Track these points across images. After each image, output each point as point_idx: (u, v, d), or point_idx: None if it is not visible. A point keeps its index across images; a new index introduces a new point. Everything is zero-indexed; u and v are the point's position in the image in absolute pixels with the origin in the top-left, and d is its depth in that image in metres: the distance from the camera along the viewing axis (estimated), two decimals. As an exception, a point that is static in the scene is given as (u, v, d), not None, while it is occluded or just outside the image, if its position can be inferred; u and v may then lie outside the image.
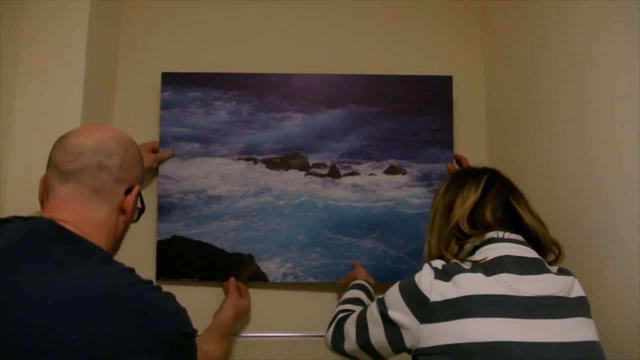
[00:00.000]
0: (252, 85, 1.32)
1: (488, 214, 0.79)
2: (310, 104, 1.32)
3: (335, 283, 1.26)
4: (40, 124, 1.09)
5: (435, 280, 0.72)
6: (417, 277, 0.75)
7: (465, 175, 0.85)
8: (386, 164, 1.32)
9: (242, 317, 1.25)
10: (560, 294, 0.71)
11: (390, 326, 0.75)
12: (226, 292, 1.24)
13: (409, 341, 0.73)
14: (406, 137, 1.32)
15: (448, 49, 1.39)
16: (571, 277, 0.75)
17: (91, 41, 1.13)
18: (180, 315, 0.67)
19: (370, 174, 1.32)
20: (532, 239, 0.78)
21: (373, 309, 0.80)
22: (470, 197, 0.80)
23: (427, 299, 0.71)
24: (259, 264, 1.28)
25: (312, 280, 1.28)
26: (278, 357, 1.24)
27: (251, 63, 1.35)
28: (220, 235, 1.28)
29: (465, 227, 0.78)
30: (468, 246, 0.79)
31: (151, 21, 1.36)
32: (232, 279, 1.25)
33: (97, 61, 1.18)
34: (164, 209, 1.28)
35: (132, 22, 1.36)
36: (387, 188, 1.31)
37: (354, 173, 1.32)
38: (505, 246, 0.76)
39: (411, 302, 0.73)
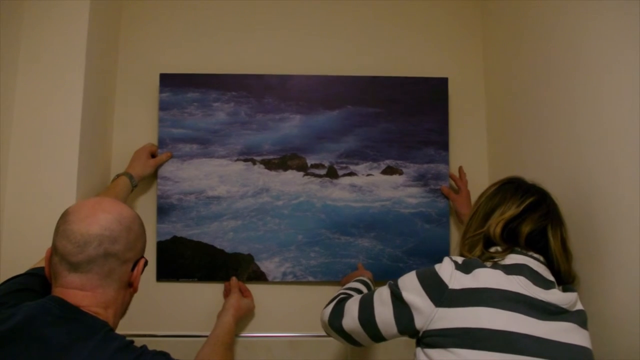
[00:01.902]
0: (250, 87, 1.30)
1: (522, 234, 0.80)
2: (308, 105, 1.31)
3: (335, 282, 1.24)
4: (40, 125, 1.06)
5: (455, 271, 0.74)
6: (437, 266, 0.77)
7: (515, 188, 0.85)
8: (383, 165, 1.31)
9: (246, 317, 1.22)
10: (564, 306, 0.75)
11: (401, 306, 0.76)
12: (227, 293, 1.22)
13: (419, 322, 0.74)
14: (403, 137, 1.31)
15: (448, 50, 1.38)
16: (575, 294, 0.78)
17: (91, 41, 1.10)
18: None
19: (368, 175, 1.31)
20: (554, 266, 0.81)
21: (382, 291, 0.81)
22: (508, 211, 0.81)
23: (446, 285, 0.73)
24: (258, 263, 1.26)
25: (311, 279, 1.26)
26: (278, 357, 1.22)
27: (249, 64, 1.33)
28: (219, 235, 1.26)
29: (495, 235, 0.80)
30: (492, 250, 0.81)
31: (149, 22, 1.34)
32: (233, 279, 1.22)
33: (96, 61, 1.16)
34: (164, 210, 1.26)
35: (131, 22, 1.34)
36: (384, 188, 1.30)
37: (351, 173, 1.31)
38: (526, 259, 0.78)
39: (429, 287, 0.75)
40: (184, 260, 1.25)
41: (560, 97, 1.00)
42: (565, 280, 0.82)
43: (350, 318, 0.82)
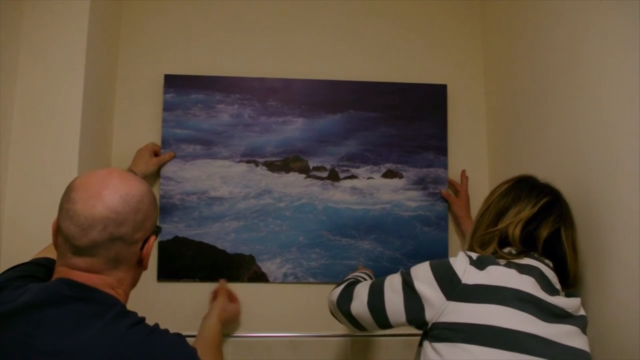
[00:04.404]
0: (254, 89, 1.23)
1: (540, 239, 0.76)
2: (310, 109, 1.24)
3: (336, 283, 1.17)
4: (40, 124, 0.99)
5: (469, 266, 0.70)
6: (451, 259, 0.72)
7: (529, 188, 0.80)
8: (383, 168, 1.25)
9: (231, 322, 1.14)
10: (569, 310, 0.72)
11: (412, 296, 0.72)
12: (214, 296, 1.13)
13: (429, 314, 0.70)
14: (403, 142, 1.25)
15: (448, 57, 1.32)
16: (579, 299, 0.75)
17: (91, 41, 1.03)
18: (189, 357, 0.63)
19: (369, 178, 1.24)
20: (562, 267, 0.78)
21: (394, 278, 0.76)
22: (524, 212, 0.77)
23: (459, 280, 0.69)
24: (259, 264, 1.19)
25: (312, 280, 1.20)
26: (278, 357, 1.16)
27: (253, 67, 1.26)
28: (221, 236, 1.19)
29: (515, 238, 0.76)
30: (506, 250, 0.77)
31: (154, 22, 1.26)
32: (222, 281, 1.15)
33: (97, 61, 1.08)
34: (166, 210, 1.18)
35: (134, 23, 1.25)
36: (384, 191, 1.24)
37: (352, 176, 1.24)
38: (539, 264, 0.75)
39: (441, 279, 0.70)
40: (185, 261, 1.18)
41: (561, 101, 0.96)
42: (572, 282, 0.79)
43: (360, 302, 0.77)
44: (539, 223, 0.76)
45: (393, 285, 0.74)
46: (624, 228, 0.76)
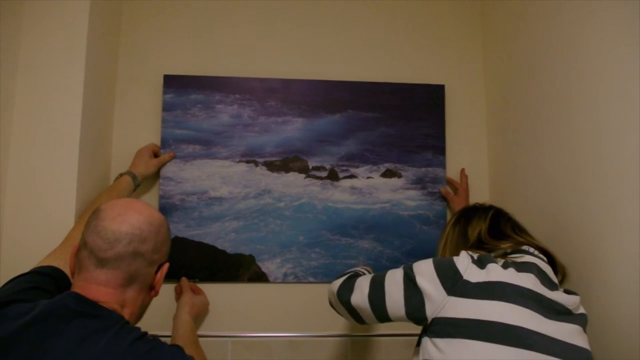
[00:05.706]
0: (253, 90, 1.23)
1: (508, 227, 0.82)
2: (310, 109, 1.24)
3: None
4: (40, 125, 0.98)
5: (471, 264, 0.71)
6: (454, 258, 0.73)
7: (474, 209, 0.86)
8: (383, 168, 1.24)
9: (202, 314, 1.13)
10: (569, 307, 0.72)
11: (414, 290, 0.72)
12: (178, 294, 1.12)
13: (429, 310, 0.70)
14: (402, 142, 1.25)
15: (448, 58, 1.32)
16: (578, 297, 0.75)
17: (91, 41, 1.02)
18: None
19: (368, 177, 1.23)
20: (551, 259, 0.79)
21: (396, 272, 0.76)
22: (479, 225, 0.82)
23: (461, 276, 0.70)
24: (259, 264, 1.18)
25: (312, 280, 1.19)
26: (278, 357, 1.14)
27: (253, 68, 1.25)
28: (221, 236, 1.18)
29: (487, 238, 0.79)
30: (504, 246, 0.78)
31: (154, 22, 1.25)
32: (183, 279, 1.13)
33: (96, 61, 1.07)
34: (166, 210, 1.17)
35: (134, 23, 1.25)
36: (383, 191, 1.23)
37: (352, 176, 1.23)
38: (535, 260, 0.75)
39: (443, 275, 0.71)
40: (185, 261, 1.17)
41: (559, 100, 0.95)
42: (561, 273, 0.81)
43: (360, 294, 0.77)
44: (498, 228, 0.81)
45: (395, 279, 0.75)
46: (623, 226, 0.76)
